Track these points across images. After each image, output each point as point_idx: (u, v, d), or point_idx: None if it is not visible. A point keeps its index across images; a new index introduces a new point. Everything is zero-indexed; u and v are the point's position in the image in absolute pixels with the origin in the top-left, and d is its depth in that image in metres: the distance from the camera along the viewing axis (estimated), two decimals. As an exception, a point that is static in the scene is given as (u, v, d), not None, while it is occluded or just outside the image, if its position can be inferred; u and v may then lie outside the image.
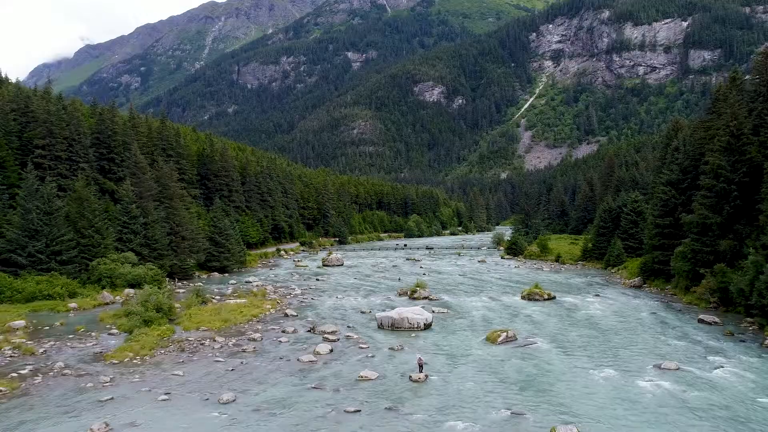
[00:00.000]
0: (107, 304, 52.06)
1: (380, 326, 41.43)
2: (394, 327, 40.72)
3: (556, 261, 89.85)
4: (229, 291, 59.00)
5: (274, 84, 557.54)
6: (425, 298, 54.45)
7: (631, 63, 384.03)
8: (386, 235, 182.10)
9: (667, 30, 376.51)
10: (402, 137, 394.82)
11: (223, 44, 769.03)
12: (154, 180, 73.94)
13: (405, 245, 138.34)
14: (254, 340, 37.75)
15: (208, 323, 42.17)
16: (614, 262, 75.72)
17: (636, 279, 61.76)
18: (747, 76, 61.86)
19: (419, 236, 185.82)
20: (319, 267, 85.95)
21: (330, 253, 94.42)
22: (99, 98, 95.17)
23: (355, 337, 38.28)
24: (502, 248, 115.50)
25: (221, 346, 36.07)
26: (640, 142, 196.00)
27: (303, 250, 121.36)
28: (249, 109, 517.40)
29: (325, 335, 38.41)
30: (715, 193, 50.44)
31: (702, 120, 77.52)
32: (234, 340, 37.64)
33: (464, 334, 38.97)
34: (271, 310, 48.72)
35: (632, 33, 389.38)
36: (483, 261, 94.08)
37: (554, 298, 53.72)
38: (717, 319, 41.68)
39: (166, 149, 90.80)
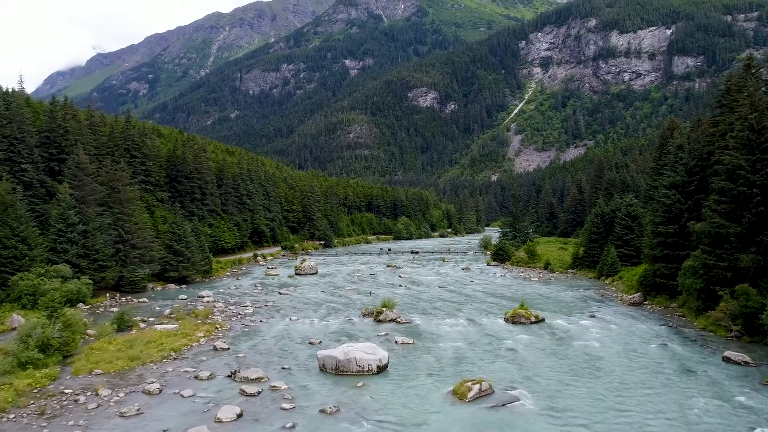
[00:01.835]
0: (14, 329, 41.20)
1: (322, 368, 30.70)
2: (338, 370, 30.00)
3: (545, 269, 79.13)
4: (168, 311, 48.03)
5: (274, 90, 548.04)
6: (392, 320, 43.72)
7: (617, 69, 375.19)
8: (375, 237, 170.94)
9: (651, 37, 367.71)
10: (396, 141, 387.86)
11: (227, 53, 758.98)
12: (105, 182, 63.23)
13: (389, 249, 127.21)
14: (149, 393, 26.96)
15: (107, 363, 31.41)
16: (608, 272, 65.12)
17: (635, 295, 51.02)
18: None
19: (408, 238, 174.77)
20: (290, 276, 75.04)
21: (304, 261, 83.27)
22: (108, 104, 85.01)
23: (284, 387, 27.52)
24: (488, 253, 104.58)
25: (97, 406, 25.27)
26: (627, 145, 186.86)
27: (283, 255, 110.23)
28: (250, 115, 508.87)
29: (245, 385, 27.68)
30: (731, 198, 39.89)
31: (700, 116, 67.61)
32: (122, 394, 26.85)
33: (426, 384, 28.22)
34: (202, 339, 37.93)
35: (618, 40, 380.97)
36: (467, 269, 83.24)
37: (543, 320, 43.10)
38: (747, 358, 31.06)
39: (130, 149, 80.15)
